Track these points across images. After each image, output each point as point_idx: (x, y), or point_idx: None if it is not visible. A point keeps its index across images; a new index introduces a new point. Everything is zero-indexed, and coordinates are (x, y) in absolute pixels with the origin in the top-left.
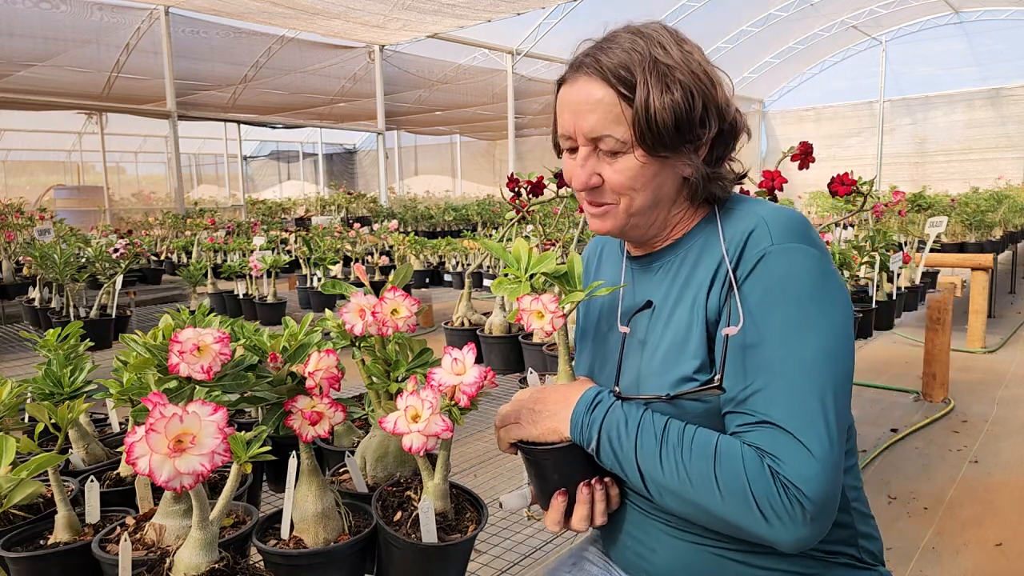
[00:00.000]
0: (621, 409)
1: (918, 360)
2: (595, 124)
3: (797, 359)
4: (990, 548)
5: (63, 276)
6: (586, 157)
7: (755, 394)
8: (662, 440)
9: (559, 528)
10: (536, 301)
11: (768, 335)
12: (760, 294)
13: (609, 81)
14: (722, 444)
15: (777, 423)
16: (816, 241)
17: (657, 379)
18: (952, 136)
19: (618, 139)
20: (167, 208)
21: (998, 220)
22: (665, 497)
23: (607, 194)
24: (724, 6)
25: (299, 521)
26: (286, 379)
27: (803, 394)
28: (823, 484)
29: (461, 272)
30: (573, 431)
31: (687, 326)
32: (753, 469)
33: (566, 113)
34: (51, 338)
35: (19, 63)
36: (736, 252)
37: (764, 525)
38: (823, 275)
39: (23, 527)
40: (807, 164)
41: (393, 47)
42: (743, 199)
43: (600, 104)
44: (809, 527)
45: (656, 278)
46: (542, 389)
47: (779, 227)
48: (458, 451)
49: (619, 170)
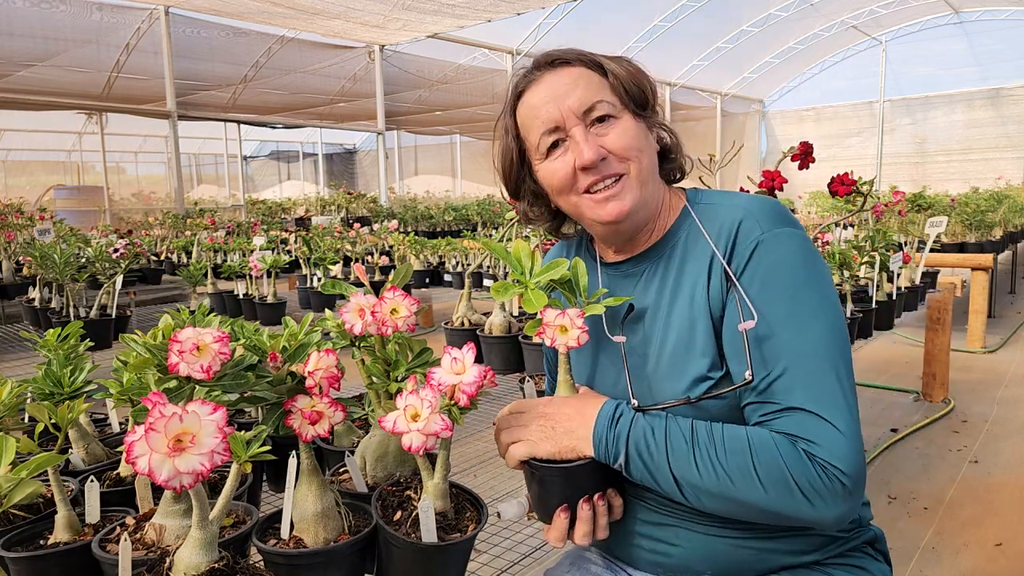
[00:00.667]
0: (645, 419)
1: (918, 360)
2: (584, 95)
3: (809, 341)
4: (990, 548)
5: (63, 276)
6: (584, 133)
7: (775, 382)
8: (693, 443)
9: (561, 544)
10: (562, 315)
11: (776, 322)
12: (760, 283)
13: (581, 62)
14: (753, 437)
15: (802, 407)
16: (798, 223)
17: (669, 383)
18: (952, 136)
19: (609, 102)
20: (167, 208)
21: (998, 220)
22: (703, 499)
23: (614, 164)
24: (724, 6)
25: (299, 521)
26: (286, 379)
27: (821, 374)
28: (855, 457)
29: (461, 272)
30: (597, 449)
31: (690, 325)
32: (790, 456)
33: (546, 104)
34: (51, 338)
35: (19, 63)
36: (727, 244)
37: (808, 508)
38: (813, 255)
39: (23, 527)
40: (807, 164)
41: (393, 47)
42: (710, 192)
43: (581, 78)
44: (849, 500)
45: (641, 284)
46: (549, 402)
47: (765, 215)
48: (458, 451)
49: (619, 134)
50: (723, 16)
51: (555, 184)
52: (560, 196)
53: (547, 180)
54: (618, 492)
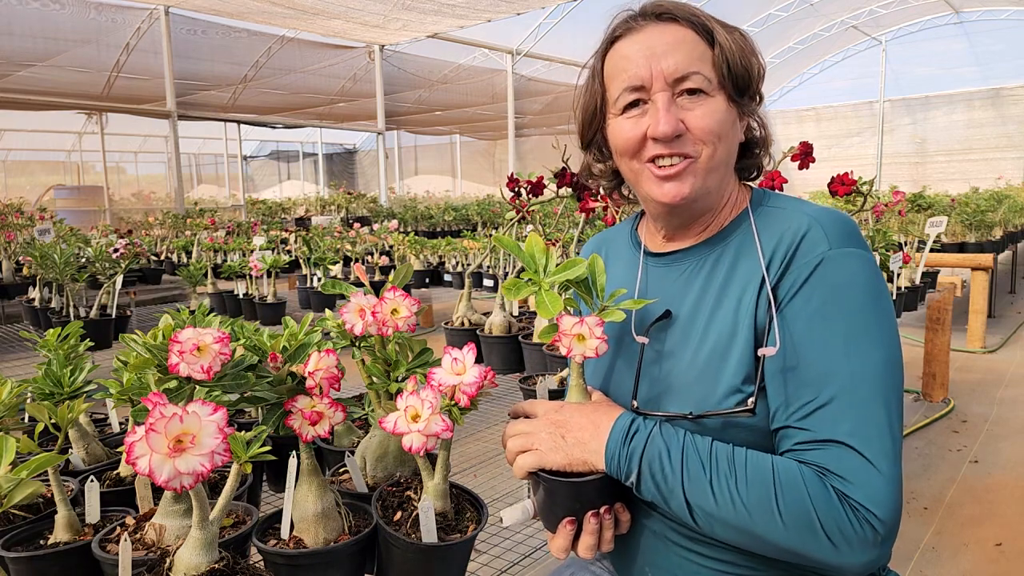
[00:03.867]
0: (661, 437)
1: (918, 360)
2: (681, 61)
3: (864, 372)
4: (990, 548)
5: (63, 276)
6: (668, 102)
7: (819, 409)
8: (711, 469)
9: (564, 556)
10: (580, 324)
11: (831, 346)
12: (820, 302)
13: (691, 23)
14: (780, 468)
15: (844, 441)
16: (867, 245)
17: (696, 391)
18: (952, 136)
19: (706, 76)
20: (167, 208)
21: (998, 220)
22: (716, 528)
23: (688, 144)
24: (724, 6)
25: (299, 521)
26: (286, 379)
27: (870, 409)
28: (892, 504)
29: (461, 272)
30: (609, 464)
31: (731, 332)
32: (818, 493)
33: (637, 58)
34: (51, 338)
35: (19, 63)
36: (787, 253)
37: (831, 551)
38: (880, 282)
39: (23, 527)
40: (807, 164)
41: (393, 47)
42: (779, 196)
43: (684, 41)
44: (879, 549)
45: (683, 279)
46: (561, 408)
47: (835, 230)
48: (458, 451)
49: (705, 113)
50: (723, 16)
51: (620, 145)
52: (622, 158)
53: (613, 138)
54: (626, 507)
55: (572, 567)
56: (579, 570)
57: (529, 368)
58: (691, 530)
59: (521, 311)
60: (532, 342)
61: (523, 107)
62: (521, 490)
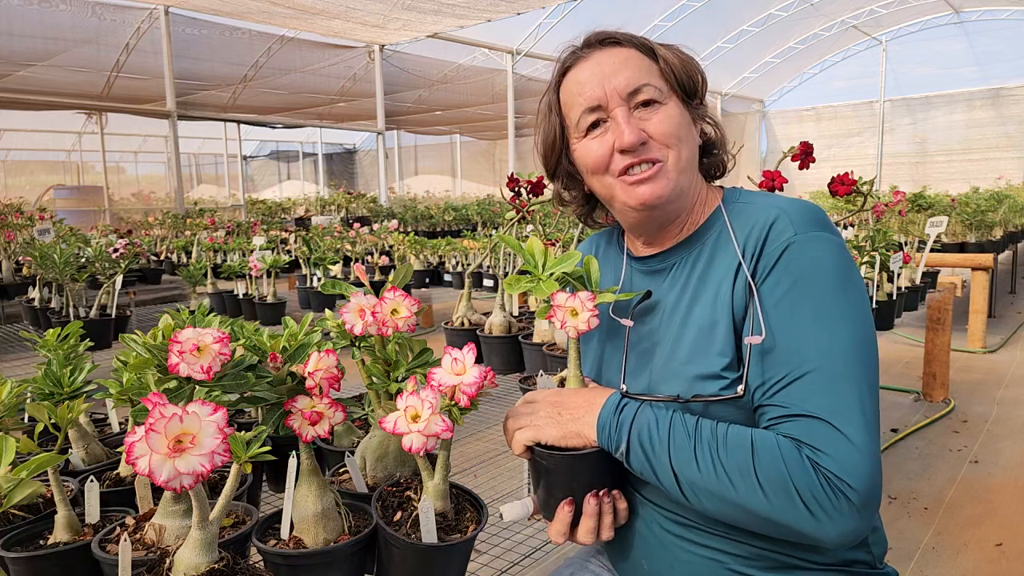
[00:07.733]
0: (651, 409)
1: (918, 360)
2: (631, 77)
3: (832, 349)
4: (990, 548)
5: (63, 276)
6: (626, 116)
7: (790, 385)
8: (695, 438)
9: (563, 540)
10: (572, 298)
11: (800, 326)
12: (788, 284)
13: (632, 43)
14: (757, 437)
15: (815, 414)
16: (835, 229)
17: (680, 377)
18: (952, 136)
19: (656, 87)
20: (167, 208)
21: (998, 220)
22: (702, 499)
23: (654, 150)
24: (724, 6)
25: (299, 521)
26: (286, 379)
27: (840, 384)
28: (866, 473)
29: (461, 272)
30: (600, 435)
31: (710, 323)
32: (793, 461)
33: (591, 81)
34: (51, 338)
35: (19, 63)
36: (757, 243)
37: (810, 520)
38: (848, 263)
39: (23, 527)
40: (807, 164)
41: (393, 47)
42: (750, 192)
43: (631, 59)
44: (855, 519)
45: (667, 281)
46: (559, 392)
47: (800, 217)
48: (458, 451)
49: (663, 119)
50: (723, 16)
51: (590, 163)
52: (594, 176)
53: (582, 159)
54: (623, 497)
55: (572, 567)
56: (579, 569)
57: (529, 368)
58: (683, 516)
59: (521, 311)
60: (532, 342)
61: (523, 107)
62: (521, 490)
